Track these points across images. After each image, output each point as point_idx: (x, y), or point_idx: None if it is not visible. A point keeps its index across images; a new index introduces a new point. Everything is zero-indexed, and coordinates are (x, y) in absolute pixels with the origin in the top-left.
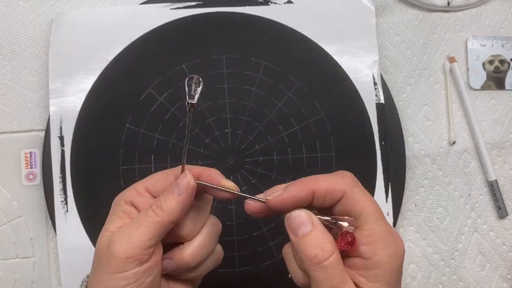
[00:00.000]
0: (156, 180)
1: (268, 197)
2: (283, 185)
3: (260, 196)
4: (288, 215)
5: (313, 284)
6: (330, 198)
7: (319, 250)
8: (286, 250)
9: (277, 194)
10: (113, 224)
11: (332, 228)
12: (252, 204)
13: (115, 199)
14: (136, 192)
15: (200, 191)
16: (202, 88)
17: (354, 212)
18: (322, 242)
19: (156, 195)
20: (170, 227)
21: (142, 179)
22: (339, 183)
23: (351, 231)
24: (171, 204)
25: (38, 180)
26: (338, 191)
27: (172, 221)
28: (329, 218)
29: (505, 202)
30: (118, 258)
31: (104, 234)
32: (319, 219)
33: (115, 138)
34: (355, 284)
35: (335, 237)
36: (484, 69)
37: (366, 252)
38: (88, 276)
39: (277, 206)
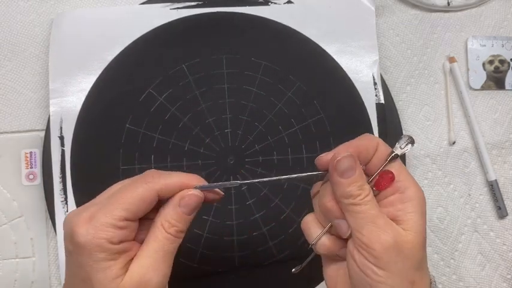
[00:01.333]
0: (135, 205)
1: (319, 156)
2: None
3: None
4: (337, 159)
5: (355, 218)
6: (366, 150)
7: (361, 190)
8: (309, 219)
9: (323, 155)
10: (115, 268)
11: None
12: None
13: (87, 242)
14: (117, 227)
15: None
16: (410, 148)
17: (380, 159)
18: (362, 183)
19: (136, 219)
20: None
21: None
22: (372, 139)
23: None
24: (187, 223)
25: (38, 180)
26: (372, 145)
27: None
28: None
29: (505, 202)
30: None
31: (114, 284)
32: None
33: (115, 138)
34: (392, 219)
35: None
36: (484, 69)
37: (401, 187)
38: None
39: (325, 162)
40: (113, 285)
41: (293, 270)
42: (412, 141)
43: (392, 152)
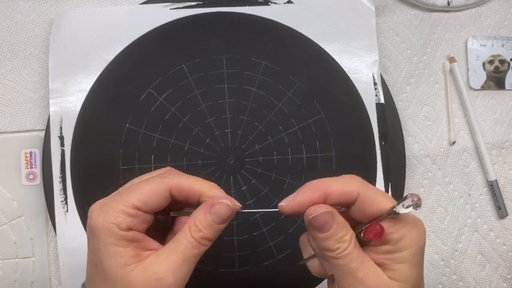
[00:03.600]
0: (146, 197)
1: (282, 203)
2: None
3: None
4: (311, 216)
5: (334, 269)
6: (344, 200)
7: (340, 244)
8: (303, 239)
9: (289, 199)
10: (124, 257)
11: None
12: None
13: (98, 226)
14: (127, 214)
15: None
16: (414, 209)
17: (372, 211)
18: (342, 235)
19: (148, 211)
20: None
21: None
22: (351, 184)
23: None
24: (216, 233)
25: (38, 180)
26: (352, 192)
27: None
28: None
29: (505, 202)
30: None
31: (124, 271)
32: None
33: (115, 138)
34: (378, 265)
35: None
36: (484, 69)
37: (391, 240)
38: None
39: (290, 212)
40: (123, 272)
41: (299, 262)
42: (418, 204)
43: (393, 209)
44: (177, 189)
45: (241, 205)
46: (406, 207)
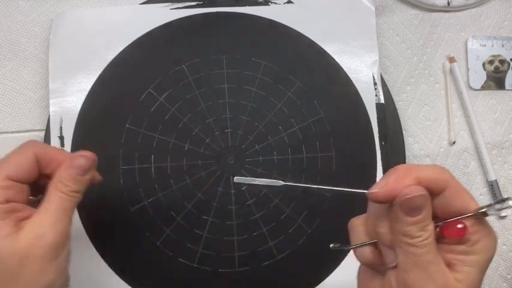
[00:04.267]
0: (17, 166)
1: (374, 190)
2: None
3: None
4: (407, 196)
5: (406, 258)
6: (433, 188)
7: (423, 232)
8: (355, 222)
9: (381, 185)
10: (5, 228)
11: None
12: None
13: None
14: (1, 187)
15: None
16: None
17: (457, 206)
18: (427, 224)
19: (22, 180)
20: None
21: (142, 179)
22: (442, 173)
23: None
24: (80, 186)
25: None
26: (442, 182)
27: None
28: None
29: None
30: (53, 248)
31: (7, 241)
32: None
33: (115, 138)
34: (446, 264)
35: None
36: (484, 69)
37: (470, 240)
38: None
39: (384, 198)
40: (8, 241)
41: (331, 245)
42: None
43: (482, 209)
44: (42, 155)
45: (95, 154)
46: (500, 210)
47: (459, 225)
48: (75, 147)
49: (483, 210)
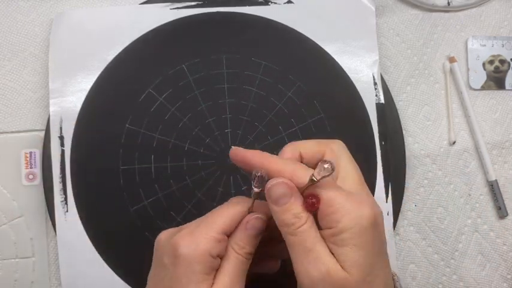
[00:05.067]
0: (231, 220)
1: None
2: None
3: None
4: (269, 185)
5: (289, 246)
6: (316, 159)
7: (296, 219)
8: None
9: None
10: (206, 284)
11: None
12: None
13: (186, 251)
14: (216, 241)
15: None
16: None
17: (301, 182)
18: (298, 212)
19: (229, 233)
20: None
21: (142, 179)
22: (319, 145)
23: (328, 173)
24: (255, 244)
25: (38, 180)
26: (320, 154)
27: None
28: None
29: (505, 202)
30: None
31: None
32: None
33: (115, 138)
34: (330, 251)
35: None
36: (484, 69)
37: (329, 222)
38: None
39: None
40: None
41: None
42: (333, 168)
43: (312, 177)
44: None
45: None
46: (320, 174)
47: (310, 199)
48: (75, 147)
49: (312, 177)
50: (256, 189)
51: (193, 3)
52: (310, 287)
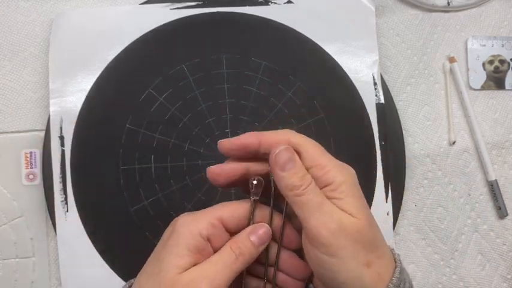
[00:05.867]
0: (231, 211)
1: (221, 140)
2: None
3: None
4: (277, 151)
5: (299, 207)
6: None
7: (303, 181)
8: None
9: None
10: (187, 260)
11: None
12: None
13: (182, 224)
14: (211, 224)
15: None
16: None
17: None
18: (303, 174)
19: (228, 228)
20: None
21: (142, 179)
22: (282, 135)
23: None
24: (253, 254)
25: (38, 180)
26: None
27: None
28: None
29: (505, 202)
30: None
31: (175, 272)
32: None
33: (115, 138)
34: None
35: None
36: (484, 69)
37: (326, 180)
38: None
39: (228, 149)
40: (172, 272)
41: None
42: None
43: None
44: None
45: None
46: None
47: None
48: (75, 147)
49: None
50: (255, 197)
51: (193, 4)
52: (329, 237)
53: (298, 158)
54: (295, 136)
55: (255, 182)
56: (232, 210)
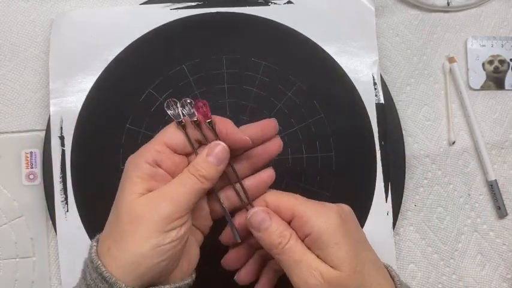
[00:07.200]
0: (172, 134)
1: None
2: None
3: None
4: (249, 216)
5: (281, 264)
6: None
7: (281, 238)
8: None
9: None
10: (140, 186)
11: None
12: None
13: (130, 161)
14: (156, 151)
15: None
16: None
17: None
18: (281, 231)
19: (176, 150)
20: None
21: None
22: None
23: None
24: (213, 174)
25: (39, 180)
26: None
27: (209, 188)
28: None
29: (505, 202)
30: (166, 218)
31: (132, 197)
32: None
33: (115, 138)
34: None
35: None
36: (484, 69)
37: (306, 230)
38: (97, 241)
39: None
40: (131, 197)
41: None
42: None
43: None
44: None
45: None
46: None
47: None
48: (75, 147)
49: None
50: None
51: (193, 4)
52: None
53: (275, 215)
54: (270, 195)
55: (188, 100)
56: (173, 132)
